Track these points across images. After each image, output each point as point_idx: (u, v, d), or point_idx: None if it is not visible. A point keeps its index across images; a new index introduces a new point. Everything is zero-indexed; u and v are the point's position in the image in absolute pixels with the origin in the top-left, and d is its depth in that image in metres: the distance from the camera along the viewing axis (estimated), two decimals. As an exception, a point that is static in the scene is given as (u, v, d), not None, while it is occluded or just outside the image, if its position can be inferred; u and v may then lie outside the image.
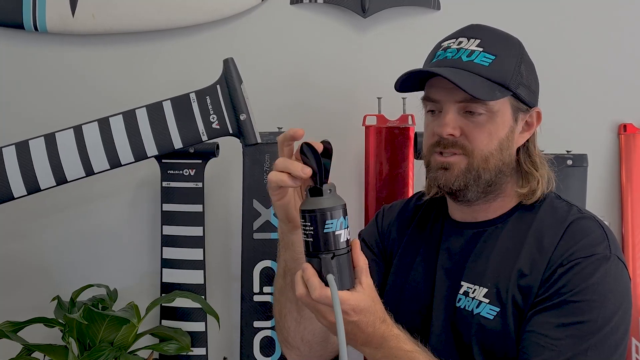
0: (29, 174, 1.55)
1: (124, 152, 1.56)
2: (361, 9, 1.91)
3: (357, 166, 1.92)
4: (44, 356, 1.67)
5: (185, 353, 1.76)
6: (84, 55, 1.96)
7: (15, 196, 1.55)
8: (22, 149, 1.55)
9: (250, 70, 1.68)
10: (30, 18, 1.89)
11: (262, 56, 1.96)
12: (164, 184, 1.84)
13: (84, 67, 1.96)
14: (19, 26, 1.91)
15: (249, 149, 1.81)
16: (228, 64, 1.57)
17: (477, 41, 1.21)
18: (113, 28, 1.91)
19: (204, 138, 1.57)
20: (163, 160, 1.82)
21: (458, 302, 1.23)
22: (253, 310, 1.82)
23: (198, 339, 1.83)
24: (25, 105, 1.97)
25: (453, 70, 1.18)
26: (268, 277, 1.81)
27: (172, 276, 1.84)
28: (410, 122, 1.85)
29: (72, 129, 1.56)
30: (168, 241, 1.84)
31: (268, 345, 1.82)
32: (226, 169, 1.93)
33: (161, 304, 1.83)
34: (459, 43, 1.23)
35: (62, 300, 1.73)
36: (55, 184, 1.56)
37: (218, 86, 1.56)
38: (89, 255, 1.97)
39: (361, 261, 1.03)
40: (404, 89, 1.27)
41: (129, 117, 1.56)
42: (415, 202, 1.41)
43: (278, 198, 1.10)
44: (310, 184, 1.02)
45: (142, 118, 1.56)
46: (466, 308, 1.22)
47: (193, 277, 1.83)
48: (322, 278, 0.99)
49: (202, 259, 1.84)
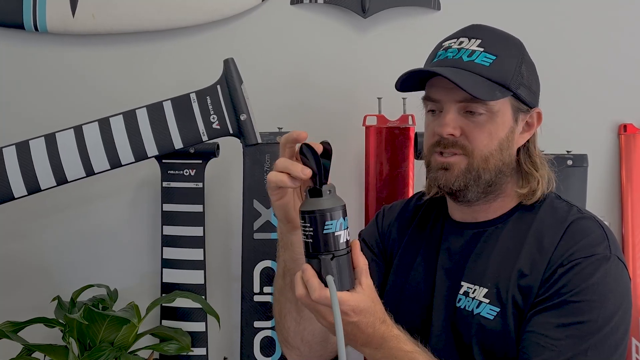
0: (30, 174, 1.55)
1: (125, 152, 1.56)
2: (361, 9, 1.91)
3: (358, 166, 1.92)
4: (45, 356, 1.67)
5: (185, 353, 1.76)
6: (84, 55, 1.96)
7: (15, 196, 1.55)
8: (23, 149, 1.55)
9: (250, 70, 1.68)
10: (30, 18, 1.89)
11: (263, 56, 1.95)
12: (165, 184, 1.84)
13: (84, 67, 1.96)
14: (19, 26, 1.91)
15: (249, 149, 1.81)
16: (228, 64, 1.57)
17: (478, 41, 1.21)
18: (113, 28, 1.91)
19: (205, 138, 1.57)
20: (163, 160, 1.82)
21: (458, 302, 1.23)
22: (253, 310, 1.82)
23: (198, 339, 1.83)
24: (25, 105, 1.97)
25: (454, 70, 1.18)
26: (268, 277, 1.81)
27: (173, 276, 1.84)
28: (410, 122, 1.84)
29: (73, 129, 1.56)
30: (168, 241, 1.84)
31: (268, 345, 1.82)
32: (226, 169, 1.93)
33: (161, 304, 1.83)
34: (460, 43, 1.23)
35: (63, 300, 1.73)
36: (55, 184, 1.56)
37: (218, 86, 1.56)
38: (90, 255, 1.97)
39: (361, 262, 1.02)
40: (405, 89, 1.27)
41: (130, 117, 1.56)
42: (415, 202, 1.41)
43: (277, 198, 1.10)
44: (310, 185, 1.02)
45: (143, 118, 1.56)
46: (466, 308, 1.22)
47: (193, 277, 1.83)
48: (322, 279, 0.99)
49: (203, 259, 1.84)
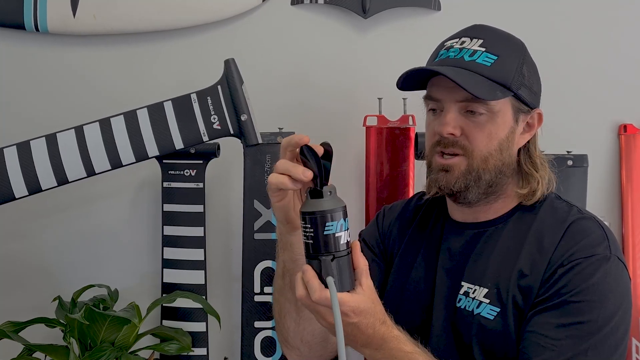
0: (30, 175, 1.55)
1: (125, 153, 1.56)
2: (362, 10, 1.91)
3: (358, 166, 1.92)
4: (45, 356, 1.67)
5: (186, 353, 1.76)
6: (85, 55, 1.96)
7: (16, 196, 1.56)
8: (24, 150, 1.55)
9: (251, 70, 1.68)
10: (31, 18, 1.90)
11: (263, 57, 1.96)
12: (165, 185, 1.84)
13: (85, 68, 1.96)
14: (20, 26, 1.91)
15: (250, 150, 1.81)
16: (229, 65, 1.57)
17: (480, 41, 1.21)
18: (114, 28, 1.92)
19: (205, 138, 1.57)
20: (164, 160, 1.83)
21: (458, 302, 1.23)
22: (254, 310, 1.82)
23: (199, 339, 1.83)
24: (26, 105, 1.97)
25: (455, 69, 1.18)
26: (269, 277, 1.81)
27: (173, 276, 1.84)
28: (410, 123, 1.84)
29: (74, 130, 1.56)
30: (169, 241, 1.84)
31: (269, 345, 1.82)
32: (227, 170, 1.93)
33: (162, 304, 1.83)
34: (462, 43, 1.23)
35: (63, 300, 1.73)
36: (56, 185, 1.56)
37: (219, 87, 1.56)
38: (90, 255, 1.97)
39: (361, 263, 1.02)
40: (406, 88, 1.27)
41: (130, 118, 1.56)
42: (415, 202, 1.41)
43: (278, 200, 1.10)
44: (310, 186, 1.02)
45: (143, 118, 1.56)
46: (466, 308, 1.22)
47: (194, 278, 1.83)
48: (322, 280, 0.99)
49: (203, 259, 1.84)
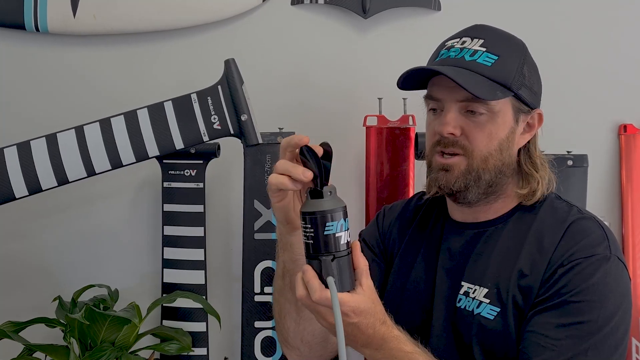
0: (31, 175, 1.55)
1: (126, 153, 1.56)
2: (362, 10, 1.91)
3: (358, 166, 1.92)
4: (46, 356, 1.67)
5: (186, 353, 1.76)
6: (85, 55, 1.96)
7: (16, 196, 1.56)
8: (24, 150, 1.55)
9: (251, 70, 1.68)
10: (31, 18, 1.90)
11: (263, 57, 1.96)
12: (165, 185, 1.84)
13: (85, 68, 1.96)
14: (20, 26, 1.91)
15: (250, 150, 1.81)
16: (229, 65, 1.57)
17: (481, 41, 1.22)
18: (114, 28, 1.92)
19: (205, 138, 1.57)
20: (164, 160, 1.83)
21: (458, 302, 1.23)
22: (254, 310, 1.82)
23: (199, 339, 1.83)
24: (26, 105, 1.97)
25: (455, 69, 1.19)
26: (269, 278, 1.81)
27: (173, 276, 1.84)
28: (411, 123, 1.84)
29: (74, 130, 1.56)
30: (169, 241, 1.84)
31: (269, 345, 1.82)
32: (227, 170, 1.93)
33: (162, 304, 1.83)
34: (463, 43, 1.23)
35: (64, 300, 1.74)
36: (56, 185, 1.56)
37: (219, 87, 1.56)
38: (90, 255, 1.97)
39: (361, 263, 1.03)
40: (406, 87, 1.27)
41: (131, 118, 1.56)
42: (416, 202, 1.41)
43: (278, 200, 1.10)
44: (310, 186, 1.03)
45: (144, 118, 1.56)
46: (466, 308, 1.22)
47: (194, 278, 1.83)
48: (322, 280, 0.99)
49: (203, 259, 1.84)
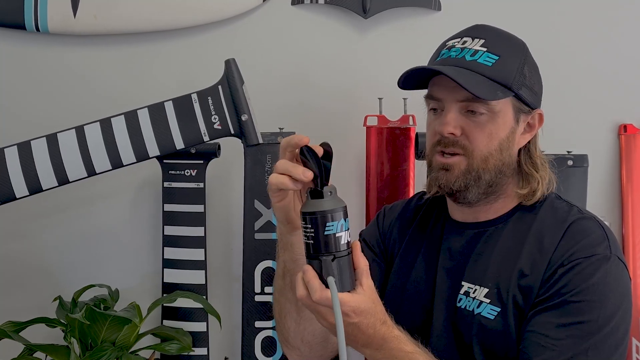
0: (31, 175, 1.55)
1: (126, 153, 1.56)
2: (362, 10, 1.91)
3: (358, 166, 1.92)
4: (46, 356, 1.67)
5: (186, 353, 1.76)
6: (86, 55, 1.96)
7: (17, 196, 1.56)
8: (24, 150, 1.55)
9: (251, 70, 1.68)
10: (31, 18, 1.90)
11: (264, 57, 1.96)
12: (166, 184, 1.84)
13: (85, 68, 1.96)
14: (21, 27, 1.91)
15: (251, 150, 1.81)
16: (230, 65, 1.57)
17: (482, 41, 1.22)
18: (114, 28, 1.92)
19: (206, 138, 1.57)
20: (164, 160, 1.83)
21: (459, 302, 1.24)
22: (254, 310, 1.83)
23: (199, 339, 1.83)
24: (26, 105, 1.97)
25: (456, 69, 1.19)
26: (269, 277, 1.81)
27: (174, 276, 1.84)
28: (411, 123, 1.84)
29: (74, 130, 1.56)
30: (169, 241, 1.84)
31: (269, 345, 1.82)
32: (227, 170, 1.93)
33: (163, 304, 1.83)
34: (464, 42, 1.23)
35: (64, 300, 1.74)
36: (57, 185, 1.56)
37: (220, 87, 1.56)
38: (91, 255, 1.97)
39: (362, 263, 1.03)
40: (407, 87, 1.27)
41: (131, 118, 1.56)
42: (416, 202, 1.41)
43: (278, 200, 1.10)
44: (310, 186, 1.03)
45: (144, 118, 1.56)
46: (467, 308, 1.22)
47: (194, 278, 1.83)
48: (323, 280, 0.99)
49: (204, 259, 1.84)
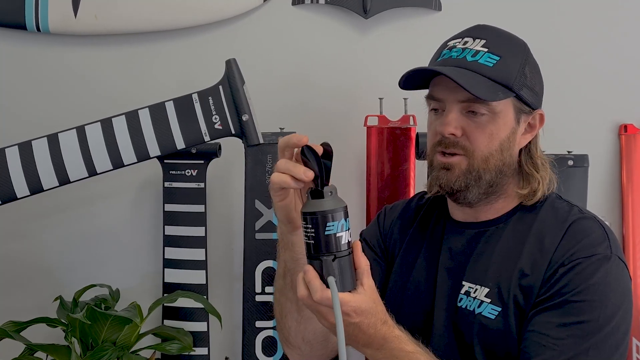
0: (32, 175, 1.55)
1: (127, 153, 1.56)
2: (363, 10, 1.91)
3: (359, 166, 1.92)
4: (47, 356, 1.67)
5: (187, 353, 1.76)
6: (86, 55, 1.96)
7: (18, 196, 1.56)
8: (25, 150, 1.55)
9: (251, 70, 1.68)
10: (32, 19, 1.90)
11: (264, 57, 1.96)
12: (166, 184, 1.84)
13: (86, 68, 1.96)
14: (21, 27, 1.91)
15: (251, 150, 1.81)
16: (230, 65, 1.57)
17: (483, 41, 1.22)
18: (115, 29, 1.92)
19: (207, 138, 1.57)
20: (165, 160, 1.83)
21: (459, 302, 1.24)
22: (255, 310, 1.83)
23: (200, 339, 1.83)
24: (27, 105, 1.97)
25: (457, 69, 1.19)
26: (270, 277, 1.81)
27: (174, 276, 1.84)
28: (411, 123, 1.84)
29: (75, 130, 1.56)
30: (170, 241, 1.84)
31: (270, 345, 1.82)
32: (228, 170, 1.93)
33: (163, 304, 1.83)
34: (465, 43, 1.23)
35: (65, 300, 1.74)
36: (58, 185, 1.56)
37: (220, 87, 1.57)
38: (91, 255, 1.97)
39: (362, 263, 1.03)
40: (408, 87, 1.27)
41: (132, 118, 1.56)
42: (417, 202, 1.42)
43: (280, 199, 1.10)
44: (311, 186, 1.03)
45: (145, 119, 1.56)
46: (468, 308, 1.22)
47: (195, 277, 1.83)
48: (324, 280, 0.99)
49: (204, 259, 1.84)
